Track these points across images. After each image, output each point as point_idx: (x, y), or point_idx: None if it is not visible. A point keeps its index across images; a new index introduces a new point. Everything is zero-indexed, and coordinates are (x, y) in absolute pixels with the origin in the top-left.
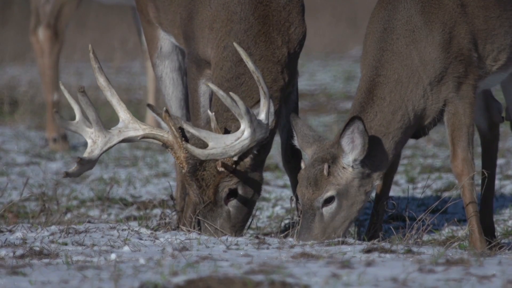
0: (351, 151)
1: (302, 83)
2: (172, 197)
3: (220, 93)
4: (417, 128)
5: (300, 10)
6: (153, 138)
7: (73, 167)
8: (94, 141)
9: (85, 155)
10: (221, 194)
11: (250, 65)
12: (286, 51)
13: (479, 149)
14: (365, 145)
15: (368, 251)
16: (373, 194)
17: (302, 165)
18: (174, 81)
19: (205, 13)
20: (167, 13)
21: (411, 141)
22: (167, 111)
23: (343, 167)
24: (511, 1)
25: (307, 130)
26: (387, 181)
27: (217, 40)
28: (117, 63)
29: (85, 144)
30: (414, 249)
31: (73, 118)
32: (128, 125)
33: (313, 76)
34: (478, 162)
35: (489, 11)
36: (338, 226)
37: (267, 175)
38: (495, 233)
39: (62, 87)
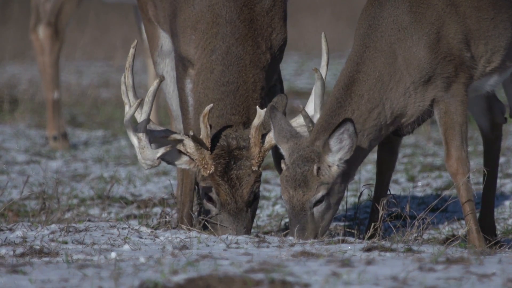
0: (338, 151)
1: (302, 82)
2: (172, 196)
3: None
4: (399, 126)
5: (282, 16)
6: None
7: (161, 152)
8: (139, 138)
9: (140, 150)
10: (252, 194)
11: (325, 58)
12: (269, 57)
13: (480, 148)
14: (353, 146)
15: (368, 249)
16: (373, 194)
17: (283, 166)
18: (175, 80)
19: (188, 12)
20: (161, 10)
21: (411, 140)
22: (209, 110)
23: (329, 166)
24: (506, 4)
25: (284, 124)
26: (385, 179)
27: (203, 41)
28: (117, 61)
29: (85, 143)
30: (414, 247)
31: (74, 117)
32: (151, 125)
33: (313, 74)
34: (479, 161)
35: (482, 12)
36: (326, 224)
37: (267, 174)
38: (496, 232)
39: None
